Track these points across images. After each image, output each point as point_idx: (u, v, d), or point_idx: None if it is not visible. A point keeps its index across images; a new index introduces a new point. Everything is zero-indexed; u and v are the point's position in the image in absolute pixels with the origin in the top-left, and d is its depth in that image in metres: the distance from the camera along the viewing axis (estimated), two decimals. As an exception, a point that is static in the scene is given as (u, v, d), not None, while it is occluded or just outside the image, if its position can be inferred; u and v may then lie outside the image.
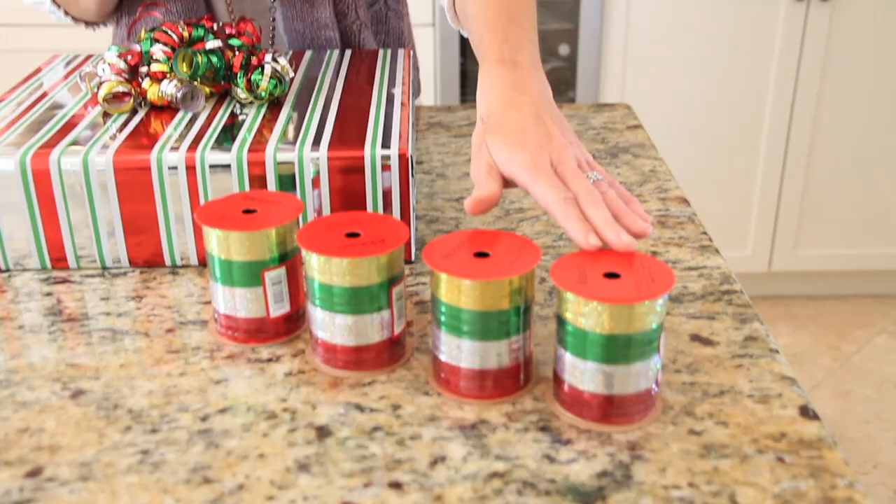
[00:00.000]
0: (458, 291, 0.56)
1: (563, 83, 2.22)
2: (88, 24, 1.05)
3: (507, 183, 0.66)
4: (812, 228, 2.30)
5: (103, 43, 1.98)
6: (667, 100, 2.18)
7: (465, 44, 2.17)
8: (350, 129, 0.75)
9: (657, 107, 2.18)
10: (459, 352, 0.58)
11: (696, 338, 0.66)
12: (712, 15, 2.10)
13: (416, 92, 1.19)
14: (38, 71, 0.91)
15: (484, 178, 0.64)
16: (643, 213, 0.64)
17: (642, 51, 2.13)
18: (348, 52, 0.97)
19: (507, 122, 0.67)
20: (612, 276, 0.56)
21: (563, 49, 2.19)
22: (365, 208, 0.73)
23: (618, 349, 0.55)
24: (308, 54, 0.96)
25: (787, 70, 2.13)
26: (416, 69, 1.16)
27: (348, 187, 0.72)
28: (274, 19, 1.03)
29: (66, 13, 1.01)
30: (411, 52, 0.99)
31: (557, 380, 0.58)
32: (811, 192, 2.26)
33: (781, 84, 2.15)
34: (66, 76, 0.89)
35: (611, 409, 0.56)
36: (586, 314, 0.54)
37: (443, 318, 0.58)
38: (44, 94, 0.84)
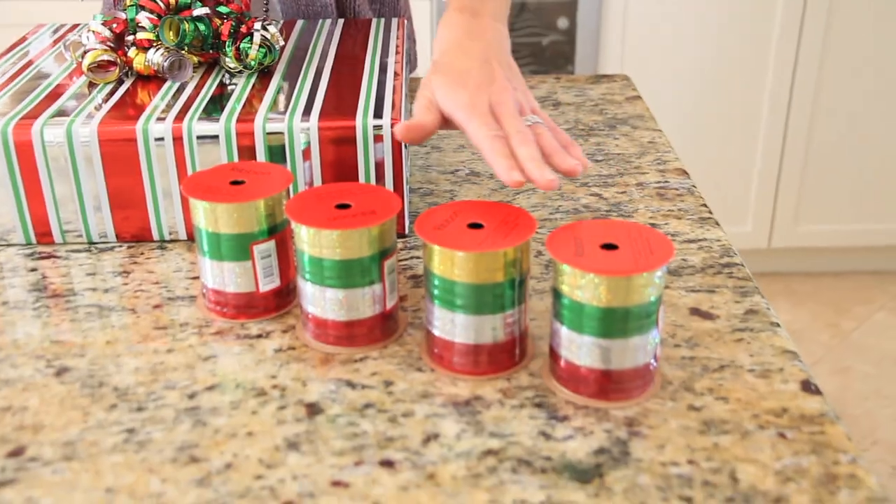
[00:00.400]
0: (451, 264, 0.55)
1: (561, 57, 2.19)
2: None
3: (447, 123, 0.67)
4: (812, 204, 2.28)
5: (87, 16, 1.95)
6: (666, 74, 2.15)
7: (461, 16, 2.13)
8: (342, 99, 0.73)
9: (656, 80, 2.15)
10: (453, 326, 0.57)
11: (695, 311, 0.64)
12: (712, -14, 2.07)
13: (413, 64, 1.17)
14: (22, 40, 0.89)
15: (422, 110, 0.67)
16: (581, 157, 0.64)
17: (641, 24, 2.10)
18: (341, 22, 0.95)
19: (454, 64, 0.69)
20: (609, 247, 0.54)
21: (562, 22, 2.16)
22: (357, 180, 0.71)
23: (615, 323, 0.53)
24: (300, 23, 0.94)
25: (787, 43, 2.11)
26: (413, 40, 1.14)
27: (340, 159, 0.70)
28: None
29: None
30: (405, 23, 0.97)
31: (554, 355, 0.56)
32: (811, 167, 2.24)
33: (782, 57, 2.12)
34: (52, 45, 0.87)
35: (608, 384, 0.55)
36: (583, 286, 0.53)
37: (436, 292, 0.56)
38: (28, 64, 0.82)
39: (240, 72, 0.79)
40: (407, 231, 0.74)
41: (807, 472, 0.49)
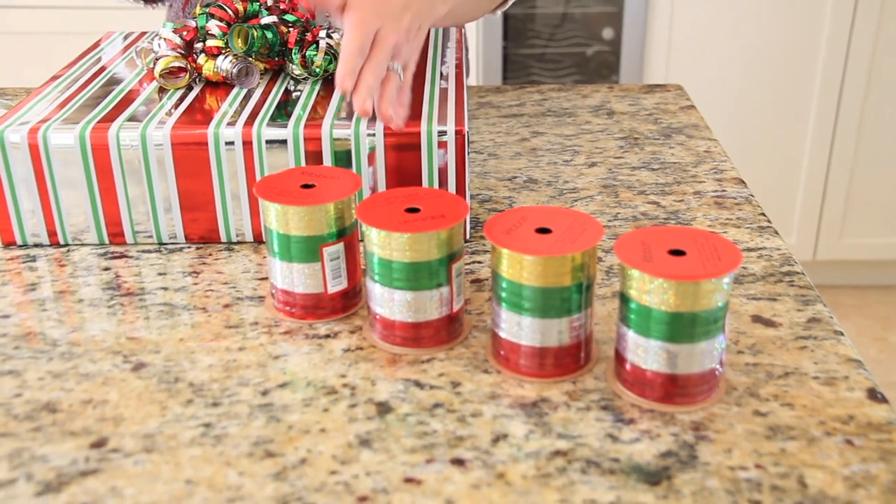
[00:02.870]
0: (519, 267, 0.56)
1: (606, 67, 2.20)
2: (147, 1, 1.05)
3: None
4: (858, 217, 2.26)
5: (157, 23, 1.99)
6: (711, 84, 2.15)
7: (507, 27, 2.15)
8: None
9: (701, 91, 2.15)
10: (520, 329, 0.57)
11: (757, 319, 0.64)
12: (760, -3, 2.06)
13: (466, 72, 1.18)
14: (94, 46, 0.91)
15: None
16: (401, 116, 0.70)
17: (687, 34, 2.10)
18: (399, 31, 0.96)
19: None
20: (676, 253, 0.55)
21: (608, 33, 2.17)
22: (420, 185, 0.72)
23: (683, 327, 0.54)
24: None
25: (835, 54, 2.09)
26: (466, 48, 1.15)
27: (403, 164, 0.72)
28: None
29: None
30: (462, 32, 0.98)
31: (619, 358, 0.57)
32: (857, 179, 2.22)
33: (830, 67, 2.11)
34: (123, 52, 0.89)
35: (674, 388, 0.55)
36: (651, 291, 0.53)
37: (504, 295, 0.57)
38: (101, 70, 0.84)
39: (305, 78, 0.80)
40: (468, 236, 0.75)
41: (876, 479, 0.49)
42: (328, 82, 0.80)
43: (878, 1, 2.03)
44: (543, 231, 0.57)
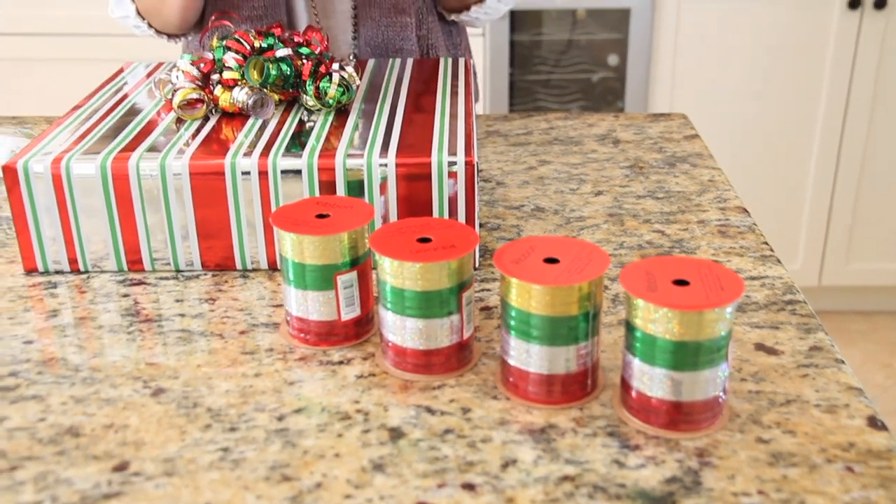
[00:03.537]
0: (528, 296, 0.58)
1: (611, 93, 2.22)
2: (171, 36, 1.08)
3: None
4: (863, 242, 2.27)
5: (174, 51, 2.02)
6: (716, 110, 2.17)
7: (514, 53, 2.18)
8: (416, 136, 0.77)
9: (706, 117, 2.17)
10: (528, 356, 0.59)
11: (760, 347, 0.66)
12: (763, 24, 2.09)
13: (476, 98, 1.21)
14: (114, 77, 0.94)
15: None
16: None
17: (691, 61, 2.13)
18: (410, 61, 0.99)
19: None
20: (681, 283, 0.57)
21: (613, 59, 2.20)
22: (430, 214, 0.74)
23: (687, 356, 0.55)
24: (371, 62, 0.98)
25: (839, 81, 2.12)
26: (475, 74, 1.18)
27: (414, 193, 0.74)
28: (355, 27, 1.05)
29: (150, 26, 1.05)
30: (472, 61, 1.01)
31: (625, 385, 0.59)
32: (863, 205, 2.24)
33: (833, 95, 2.13)
34: (141, 83, 0.92)
35: (678, 415, 0.57)
36: (656, 320, 0.55)
37: (512, 323, 0.59)
38: (122, 99, 0.86)
39: (318, 109, 0.83)
40: (477, 264, 0.77)
41: (875, 505, 0.51)
42: (341, 113, 0.82)
43: (881, 27, 2.06)
44: (551, 261, 0.59)
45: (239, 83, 0.81)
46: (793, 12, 2.07)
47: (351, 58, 1.08)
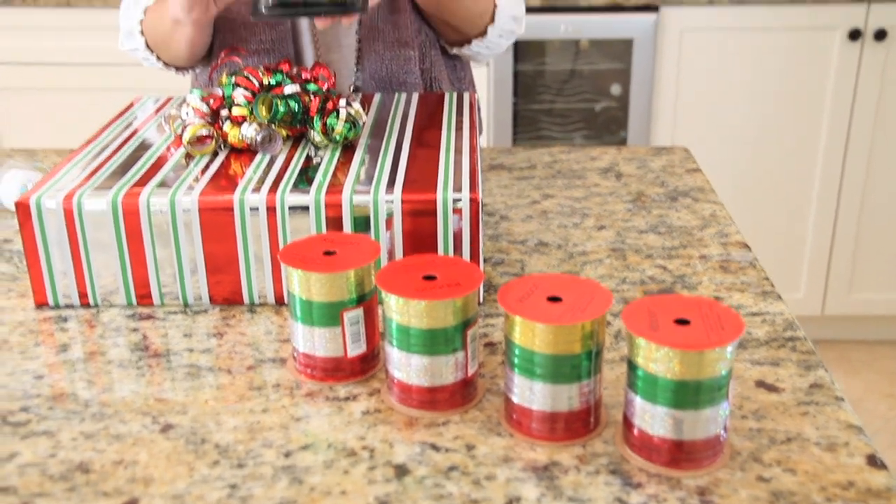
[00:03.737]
0: (532, 335, 0.58)
1: (614, 122, 2.24)
2: (178, 69, 1.10)
3: None
4: (866, 272, 2.28)
5: (182, 82, 2.04)
6: (718, 140, 2.18)
7: (518, 83, 2.20)
8: (421, 172, 0.78)
9: (708, 146, 2.19)
10: (532, 394, 0.60)
11: (761, 384, 0.67)
12: (765, 55, 2.11)
13: (480, 130, 1.23)
14: (124, 112, 0.95)
15: None
16: None
17: (694, 91, 2.15)
18: (416, 95, 1.00)
19: None
20: (682, 322, 0.58)
21: (615, 89, 2.22)
22: (435, 250, 0.75)
23: (688, 395, 0.56)
24: (377, 97, 1.00)
25: (840, 112, 2.13)
26: (478, 108, 1.19)
27: (420, 229, 0.75)
28: (359, 60, 1.07)
29: (159, 59, 1.06)
30: (476, 96, 1.02)
31: (627, 423, 0.60)
32: (865, 234, 2.25)
33: (835, 126, 2.15)
34: (150, 118, 0.93)
35: (680, 454, 0.58)
36: (657, 360, 0.56)
37: (516, 361, 0.60)
38: (132, 134, 0.88)
39: (325, 145, 0.84)
40: (482, 299, 0.78)
41: (875, 545, 0.51)
42: (348, 148, 0.84)
43: (881, 58, 2.08)
44: (554, 299, 0.60)
45: (248, 119, 0.82)
46: (794, 43, 2.09)
47: (351, 88, 1.09)
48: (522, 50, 2.19)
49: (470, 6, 1.04)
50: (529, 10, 2.08)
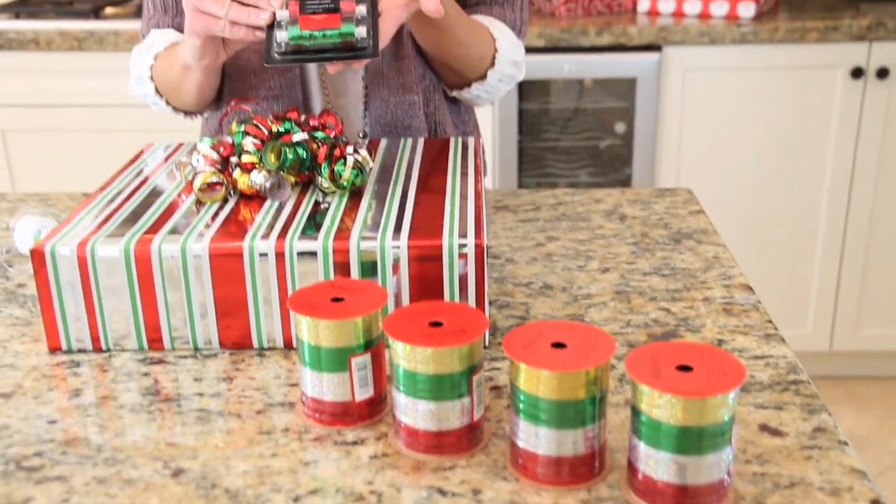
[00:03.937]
0: (536, 381, 0.59)
1: (619, 160, 2.26)
2: (187, 114, 1.12)
3: None
4: (874, 307, 2.28)
5: (191, 125, 2.07)
6: (723, 178, 2.20)
7: (522, 121, 2.22)
8: (427, 218, 0.79)
9: (713, 185, 2.20)
10: (537, 439, 0.61)
11: (764, 428, 0.67)
12: (768, 93, 2.13)
13: (484, 172, 1.24)
14: (135, 159, 0.97)
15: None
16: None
17: (697, 129, 2.17)
18: (421, 140, 1.02)
19: None
20: (684, 368, 0.59)
21: (620, 127, 2.24)
22: (441, 294, 0.77)
23: (691, 440, 0.57)
24: (383, 142, 1.02)
25: (844, 149, 2.15)
26: (484, 152, 1.21)
27: (426, 273, 0.76)
28: (366, 105, 1.09)
29: (168, 103, 1.09)
30: (480, 140, 1.04)
31: (632, 468, 0.60)
32: (872, 270, 2.25)
33: (839, 163, 2.16)
34: (160, 165, 0.95)
35: (684, 498, 0.58)
36: (661, 406, 0.57)
37: (521, 406, 0.61)
38: (141, 183, 0.90)
39: (333, 192, 0.86)
40: (487, 343, 0.79)
41: (878, 591, 0.52)
42: (355, 194, 0.85)
43: (884, 95, 2.10)
44: (559, 346, 0.61)
45: (257, 166, 0.84)
46: (796, 82, 2.12)
47: (361, 135, 1.11)
48: (527, 89, 2.22)
49: (470, 47, 1.06)
50: (534, 49, 2.11)
